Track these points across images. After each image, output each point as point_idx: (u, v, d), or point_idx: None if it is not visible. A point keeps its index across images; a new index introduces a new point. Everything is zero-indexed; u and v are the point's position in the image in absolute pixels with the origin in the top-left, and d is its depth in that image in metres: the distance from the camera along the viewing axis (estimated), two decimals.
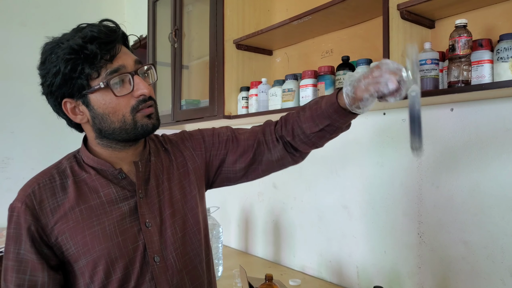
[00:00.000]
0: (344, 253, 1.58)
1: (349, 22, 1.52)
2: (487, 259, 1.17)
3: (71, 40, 0.77)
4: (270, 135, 0.95)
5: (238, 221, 2.15)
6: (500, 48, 1.03)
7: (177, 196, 0.90)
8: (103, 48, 0.77)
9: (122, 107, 0.80)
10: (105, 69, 0.78)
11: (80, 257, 0.79)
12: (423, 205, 1.32)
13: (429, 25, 1.27)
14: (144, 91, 0.81)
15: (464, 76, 1.06)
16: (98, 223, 0.80)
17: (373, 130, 1.48)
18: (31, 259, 0.78)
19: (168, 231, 0.86)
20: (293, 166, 1.02)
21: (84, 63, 0.77)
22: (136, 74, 0.81)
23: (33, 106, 2.70)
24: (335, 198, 1.62)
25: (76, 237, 0.79)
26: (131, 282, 0.81)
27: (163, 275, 0.83)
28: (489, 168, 1.17)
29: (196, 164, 0.97)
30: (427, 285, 1.31)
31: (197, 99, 2.12)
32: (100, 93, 0.79)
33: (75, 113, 0.84)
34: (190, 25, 2.16)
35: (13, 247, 0.79)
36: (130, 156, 0.88)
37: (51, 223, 0.79)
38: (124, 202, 0.84)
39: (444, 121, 1.27)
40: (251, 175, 0.99)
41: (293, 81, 1.53)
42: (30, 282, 0.78)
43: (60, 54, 0.77)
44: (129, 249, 0.81)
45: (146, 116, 0.83)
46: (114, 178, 0.85)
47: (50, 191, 0.81)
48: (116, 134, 0.82)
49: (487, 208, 1.17)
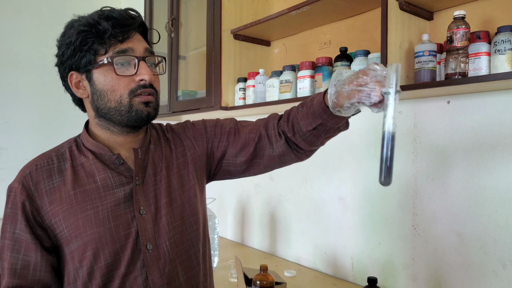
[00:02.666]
0: (339, 245, 1.60)
1: (347, 13, 1.52)
2: (479, 250, 1.19)
3: (89, 16, 0.81)
4: (273, 130, 0.92)
5: (234, 213, 2.17)
6: (497, 40, 1.04)
7: (175, 185, 0.91)
8: (116, 27, 0.79)
9: (121, 88, 0.81)
10: (113, 48, 0.80)
11: (71, 240, 0.80)
12: (418, 197, 1.34)
13: (428, 16, 1.28)
14: (145, 76, 0.81)
15: (462, 68, 1.07)
16: (92, 207, 0.81)
17: (370, 122, 1.49)
18: (25, 239, 0.80)
19: (163, 220, 0.86)
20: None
21: (95, 38, 0.80)
22: (143, 60, 0.82)
23: (28, 96, 2.69)
24: (331, 190, 1.63)
25: (69, 219, 0.80)
26: (120, 269, 0.81)
27: (154, 264, 0.83)
28: (484, 160, 1.18)
29: (197, 154, 0.97)
30: (420, 276, 1.33)
31: (194, 90, 2.12)
32: (103, 70, 0.81)
33: (78, 87, 0.86)
34: (187, 14, 2.15)
35: (9, 226, 0.80)
36: (130, 143, 0.89)
37: (45, 205, 0.81)
38: (119, 188, 0.84)
39: (440, 113, 1.28)
40: (253, 170, 0.98)
41: (290, 72, 1.54)
42: (23, 261, 0.79)
43: (76, 27, 0.81)
44: (121, 235, 0.82)
45: (144, 103, 0.83)
46: (111, 163, 0.86)
47: (46, 173, 0.83)
48: (111, 115, 0.83)
49: (481, 200, 1.19)
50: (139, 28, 0.86)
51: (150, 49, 0.86)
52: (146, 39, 0.88)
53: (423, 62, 1.15)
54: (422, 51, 1.15)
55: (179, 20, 2.07)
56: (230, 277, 1.55)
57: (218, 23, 1.76)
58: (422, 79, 1.16)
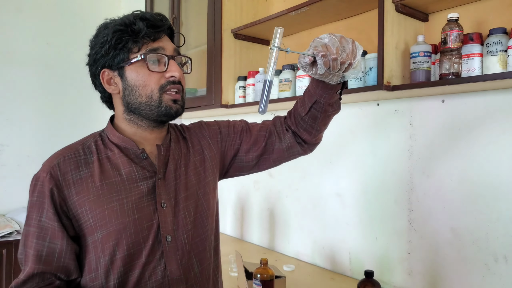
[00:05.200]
0: (337, 240, 1.64)
1: (345, 14, 1.56)
2: (472, 244, 1.23)
3: (124, 17, 0.87)
4: (281, 125, 1.02)
5: (234, 209, 2.21)
6: (489, 42, 1.08)
7: (193, 181, 0.96)
8: (149, 27, 0.85)
9: (152, 83, 0.87)
10: (146, 47, 0.86)
11: (96, 230, 0.84)
12: (414, 193, 1.38)
13: (423, 18, 1.32)
14: (175, 73, 0.87)
15: (455, 68, 1.11)
16: (117, 199, 0.85)
17: (367, 120, 1.53)
18: (51, 226, 0.83)
19: (181, 213, 0.91)
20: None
21: (129, 37, 0.85)
22: (172, 59, 0.88)
23: (29, 92, 2.71)
24: (329, 186, 1.68)
25: (95, 210, 0.84)
26: (141, 259, 0.85)
27: (173, 255, 0.88)
28: (477, 157, 1.22)
29: (212, 152, 1.03)
30: (416, 270, 1.38)
31: (194, 88, 2.15)
32: (135, 66, 0.87)
33: (109, 83, 0.91)
34: (187, 14, 2.19)
35: (35, 214, 0.83)
36: (154, 139, 0.94)
37: (72, 195, 0.84)
38: (143, 181, 0.89)
39: (435, 111, 1.33)
40: (263, 165, 1.06)
41: (290, 71, 1.58)
42: (49, 248, 0.83)
43: (111, 27, 0.86)
44: (144, 226, 0.86)
45: (172, 100, 0.89)
46: (136, 158, 0.91)
47: (74, 164, 0.87)
48: (142, 109, 0.89)
49: (474, 196, 1.23)
50: (167, 31, 0.91)
51: (178, 50, 0.92)
52: (173, 41, 0.94)
53: (418, 63, 1.20)
54: (418, 51, 1.19)
55: (179, 19, 2.10)
56: (230, 271, 1.59)
57: (218, 23, 1.79)
58: (417, 79, 1.20)
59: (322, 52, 0.78)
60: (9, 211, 2.57)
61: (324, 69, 0.79)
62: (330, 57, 0.78)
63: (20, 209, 2.58)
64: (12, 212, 2.54)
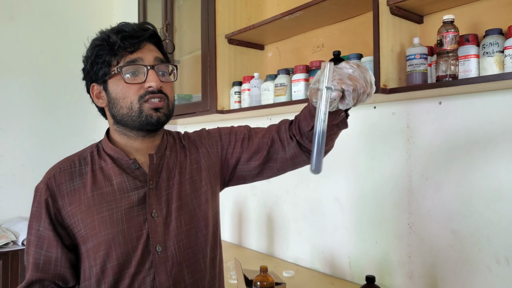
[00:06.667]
0: (336, 244, 1.62)
1: (340, 17, 1.55)
2: (473, 247, 1.22)
3: (103, 32, 0.89)
4: (285, 133, 0.95)
5: (231, 214, 2.19)
6: (485, 43, 1.07)
7: (187, 190, 0.94)
8: (125, 40, 0.85)
9: (131, 94, 0.87)
10: (124, 59, 0.86)
11: (88, 240, 0.85)
12: (413, 196, 1.37)
13: (418, 20, 1.31)
14: (152, 83, 0.86)
15: (452, 70, 1.10)
16: (108, 209, 0.86)
17: (364, 123, 1.52)
18: (47, 236, 0.86)
19: (173, 223, 0.89)
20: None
21: (107, 51, 0.86)
22: (152, 68, 0.87)
23: (23, 102, 2.68)
24: (327, 190, 1.66)
25: (86, 220, 0.85)
26: (130, 269, 0.85)
27: (162, 265, 0.87)
28: (476, 159, 1.21)
29: (211, 161, 1.00)
30: (417, 273, 1.36)
31: (189, 94, 2.14)
32: (115, 79, 0.87)
33: (98, 97, 0.92)
34: (181, 19, 2.17)
35: (35, 223, 0.87)
36: (146, 148, 0.93)
37: (66, 205, 0.87)
38: (134, 191, 0.88)
39: (432, 114, 1.31)
40: (267, 173, 1.01)
41: (285, 75, 1.56)
42: (46, 257, 0.86)
43: (92, 42, 0.89)
44: (133, 236, 0.86)
45: (153, 109, 0.87)
46: (128, 168, 0.91)
47: (68, 175, 0.89)
48: (125, 121, 0.89)
49: (473, 198, 1.22)
50: (152, 39, 0.91)
51: (160, 58, 0.90)
52: (160, 49, 0.93)
53: (414, 65, 1.18)
54: (414, 54, 1.18)
55: (173, 25, 2.08)
56: (229, 278, 1.57)
57: (212, 28, 1.78)
58: (414, 81, 1.19)
59: (352, 87, 0.71)
60: (4, 221, 2.54)
61: (352, 104, 0.73)
62: (360, 91, 0.72)
63: (16, 219, 2.54)
64: (8, 222, 2.51)
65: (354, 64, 0.74)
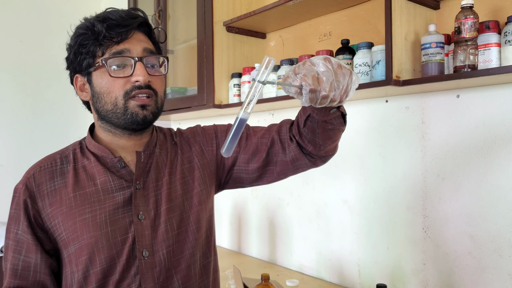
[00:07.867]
0: (344, 251, 1.63)
1: (348, 3, 1.55)
2: (494, 253, 1.22)
3: (87, 19, 0.87)
4: (286, 134, 0.94)
5: (230, 219, 2.19)
6: (508, 30, 1.08)
7: (178, 191, 0.94)
8: (111, 29, 0.84)
9: (116, 89, 0.86)
10: (110, 50, 0.85)
11: (69, 244, 0.86)
12: (428, 198, 1.38)
13: (434, 5, 1.31)
14: (139, 78, 0.85)
15: (471, 60, 1.10)
16: (90, 211, 0.86)
17: (375, 118, 1.52)
18: (26, 240, 0.86)
19: (162, 226, 0.89)
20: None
21: (92, 41, 0.85)
22: (140, 61, 0.86)
23: (1, 96, 2.68)
24: (335, 192, 1.67)
25: (67, 222, 0.85)
26: (115, 275, 0.85)
27: (149, 271, 0.87)
28: (497, 157, 1.22)
29: (205, 160, 1.00)
30: (432, 282, 1.37)
31: (183, 87, 2.14)
32: (100, 72, 0.87)
33: (82, 90, 0.92)
34: (174, 5, 2.17)
35: (13, 226, 0.87)
36: (133, 146, 0.93)
37: (46, 207, 0.87)
38: (119, 192, 0.88)
39: (450, 108, 1.32)
40: (267, 178, 1.01)
41: (289, 66, 1.57)
42: (24, 262, 0.86)
43: (75, 30, 0.88)
44: (117, 240, 0.85)
45: (140, 106, 0.87)
46: (112, 166, 0.91)
47: (49, 174, 0.89)
48: (109, 117, 0.89)
49: (494, 199, 1.22)
50: (142, 28, 0.90)
51: (150, 49, 0.90)
52: (151, 38, 0.93)
53: (430, 55, 1.19)
54: (429, 42, 1.19)
55: (166, 11, 2.08)
56: None
57: (209, 15, 1.78)
58: (429, 72, 1.20)
59: (311, 87, 0.70)
60: None
61: (308, 104, 0.73)
62: (319, 94, 0.71)
63: None
64: None
65: (336, 63, 0.72)
